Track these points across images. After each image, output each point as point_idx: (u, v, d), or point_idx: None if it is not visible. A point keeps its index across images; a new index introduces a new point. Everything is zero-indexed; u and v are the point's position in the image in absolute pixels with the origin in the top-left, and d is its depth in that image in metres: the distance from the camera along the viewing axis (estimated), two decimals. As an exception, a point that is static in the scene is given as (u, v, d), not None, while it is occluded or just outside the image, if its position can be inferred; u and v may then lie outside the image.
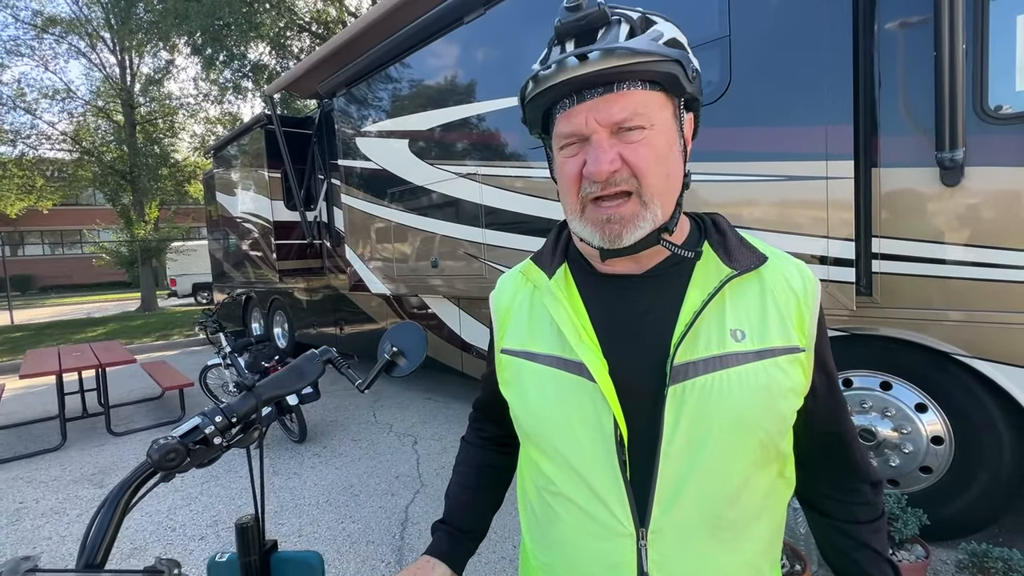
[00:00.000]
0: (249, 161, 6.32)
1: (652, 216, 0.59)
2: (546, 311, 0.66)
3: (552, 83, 0.57)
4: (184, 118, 15.27)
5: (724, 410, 0.58)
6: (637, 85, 0.57)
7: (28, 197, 14.83)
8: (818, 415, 0.66)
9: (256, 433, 0.61)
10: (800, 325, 0.62)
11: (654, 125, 0.58)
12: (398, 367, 0.74)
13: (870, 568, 0.68)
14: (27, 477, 3.40)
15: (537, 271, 0.69)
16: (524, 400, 0.67)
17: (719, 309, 0.61)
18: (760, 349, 0.59)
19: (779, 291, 0.62)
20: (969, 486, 1.96)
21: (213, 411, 0.58)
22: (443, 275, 3.76)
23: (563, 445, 0.63)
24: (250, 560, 0.59)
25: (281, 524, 2.64)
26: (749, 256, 0.63)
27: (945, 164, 1.78)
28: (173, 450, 0.53)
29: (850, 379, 2.19)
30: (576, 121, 0.58)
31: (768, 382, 0.59)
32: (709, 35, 2.22)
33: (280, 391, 0.64)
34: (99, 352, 4.70)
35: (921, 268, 1.91)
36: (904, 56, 1.88)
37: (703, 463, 0.58)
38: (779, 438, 0.62)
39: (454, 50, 3.55)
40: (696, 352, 0.59)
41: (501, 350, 0.71)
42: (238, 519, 0.61)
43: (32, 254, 27.35)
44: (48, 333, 10.46)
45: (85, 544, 0.50)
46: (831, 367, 0.67)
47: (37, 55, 13.52)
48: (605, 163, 0.56)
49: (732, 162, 2.19)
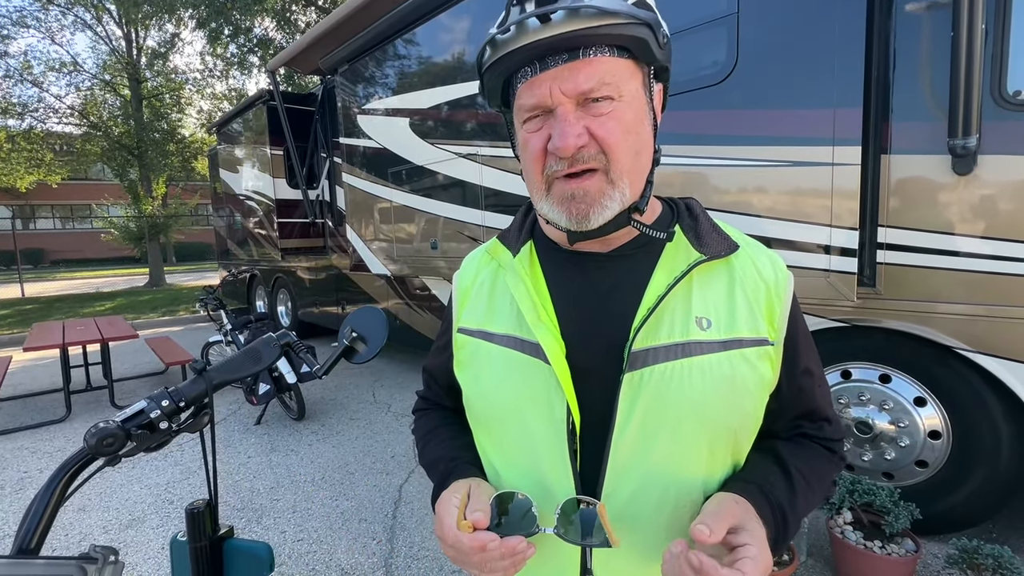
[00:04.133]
0: (251, 138, 6.28)
1: (620, 195, 0.55)
2: (507, 290, 0.63)
3: (511, 48, 0.53)
4: (190, 93, 15.18)
5: (682, 401, 0.54)
6: (604, 51, 0.52)
7: (37, 171, 14.89)
8: (781, 413, 0.63)
9: (207, 418, 0.59)
10: (770, 317, 0.58)
11: (623, 96, 0.53)
12: (358, 353, 0.72)
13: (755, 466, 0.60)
14: (31, 447, 3.47)
15: (502, 249, 0.66)
16: (477, 382, 0.64)
17: (685, 295, 0.57)
18: (726, 339, 0.56)
19: (748, 280, 0.59)
20: (965, 482, 1.93)
21: (160, 395, 0.56)
22: (443, 257, 3.73)
23: (513, 430, 0.60)
24: (200, 546, 0.57)
25: (277, 500, 2.67)
26: (720, 242, 0.60)
27: (957, 151, 1.71)
28: (111, 435, 0.51)
29: (848, 371, 2.15)
30: (539, 92, 0.53)
31: (732, 374, 0.55)
32: (716, 12, 2.13)
33: (233, 375, 0.62)
34: (103, 327, 4.75)
35: (928, 259, 1.85)
36: (922, 37, 1.79)
37: (654, 456, 0.55)
38: (741, 435, 0.59)
39: (456, 26, 3.46)
40: (658, 338, 0.55)
41: (458, 329, 0.67)
42: (189, 504, 0.60)
43: (43, 228, 27.61)
44: (57, 307, 10.60)
45: (20, 528, 0.48)
46: (808, 366, 0.63)
47: (43, 27, 13.42)
48: (571, 137, 0.52)
49: (734, 146, 2.12)
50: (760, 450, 0.62)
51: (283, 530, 2.40)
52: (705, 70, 2.20)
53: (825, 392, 0.66)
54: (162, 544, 2.30)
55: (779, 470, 0.60)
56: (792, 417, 0.64)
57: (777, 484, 0.57)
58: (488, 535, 0.51)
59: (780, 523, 0.55)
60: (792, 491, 0.58)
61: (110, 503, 2.68)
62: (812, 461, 0.62)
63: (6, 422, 3.94)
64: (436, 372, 0.76)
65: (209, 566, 0.57)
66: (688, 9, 2.23)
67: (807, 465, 0.61)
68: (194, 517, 0.59)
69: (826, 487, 0.63)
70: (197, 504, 0.60)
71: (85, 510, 2.62)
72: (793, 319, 0.61)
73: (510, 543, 0.51)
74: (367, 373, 4.98)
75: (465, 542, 0.51)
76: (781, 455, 0.61)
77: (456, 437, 0.70)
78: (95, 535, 2.41)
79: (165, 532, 2.40)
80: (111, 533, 2.41)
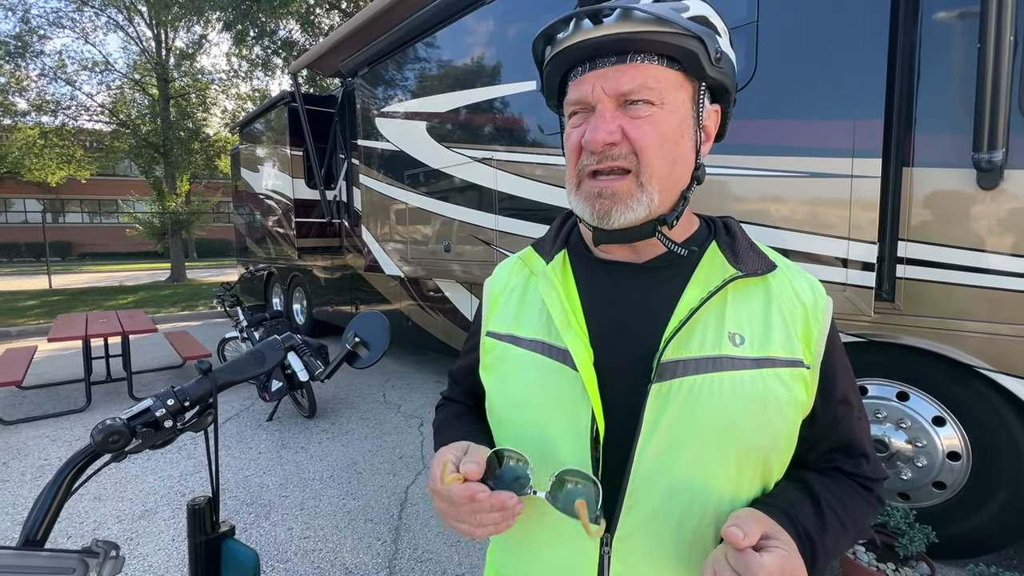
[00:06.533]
0: (272, 138, 6.39)
1: (648, 200, 0.55)
2: (539, 296, 0.63)
3: (565, 45, 0.56)
4: (215, 93, 15.54)
5: (711, 416, 0.53)
6: (653, 59, 0.54)
7: (68, 166, 15.37)
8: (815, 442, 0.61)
9: (211, 417, 0.60)
10: (807, 339, 0.57)
11: (664, 104, 0.54)
12: (360, 358, 0.73)
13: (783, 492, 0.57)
14: (52, 435, 3.57)
15: (536, 257, 0.66)
16: (503, 385, 0.64)
17: (719, 309, 0.56)
18: (760, 357, 0.55)
19: (786, 301, 0.58)
20: (985, 505, 1.87)
21: (166, 394, 0.58)
22: (456, 260, 3.75)
23: (536, 435, 0.59)
24: (197, 542, 0.58)
25: (285, 496, 2.70)
26: (757, 260, 0.59)
27: (982, 166, 1.66)
28: (116, 432, 0.52)
29: (865, 387, 2.11)
30: (584, 88, 0.56)
31: (764, 392, 0.54)
32: (736, 20, 2.11)
33: (238, 376, 0.63)
34: (124, 320, 4.87)
35: (950, 275, 1.80)
36: (947, 47, 1.75)
37: (679, 469, 0.54)
38: (771, 456, 0.56)
39: (474, 31, 3.48)
40: (688, 351, 0.55)
41: (487, 333, 0.68)
42: (191, 500, 0.61)
43: (72, 222, 28.46)
44: (82, 299, 10.90)
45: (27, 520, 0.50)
46: (846, 395, 0.60)
47: (78, 27, 13.87)
48: (603, 132, 0.53)
49: (751, 155, 2.09)
50: (791, 479, 0.59)
51: (290, 527, 2.42)
52: (723, 78, 2.17)
53: (864, 426, 0.63)
54: (172, 536, 2.35)
55: (809, 500, 0.56)
56: (827, 449, 0.61)
57: (805, 513, 0.55)
58: (478, 486, 0.51)
59: (807, 552, 0.52)
60: (822, 525, 0.54)
61: (124, 493, 2.74)
62: (846, 498, 0.58)
63: (30, 410, 4.06)
64: (460, 374, 0.77)
65: (205, 563, 0.57)
66: (707, 17, 2.21)
67: (839, 501, 0.57)
68: (195, 513, 0.60)
69: (860, 528, 0.59)
70: (198, 500, 0.61)
71: (101, 499, 2.68)
72: (831, 344, 0.59)
73: (499, 496, 0.51)
74: (378, 373, 5.02)
75: (455, 492, 0.51)
76: (812, 486, 0.58)
77: (473, 423, 0.70)
78: (109, 524, 2.46)
79: (176, 524, 2.44)
80: (124, 523, 2.47)
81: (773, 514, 0.52)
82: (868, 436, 0.63)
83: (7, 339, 7.41)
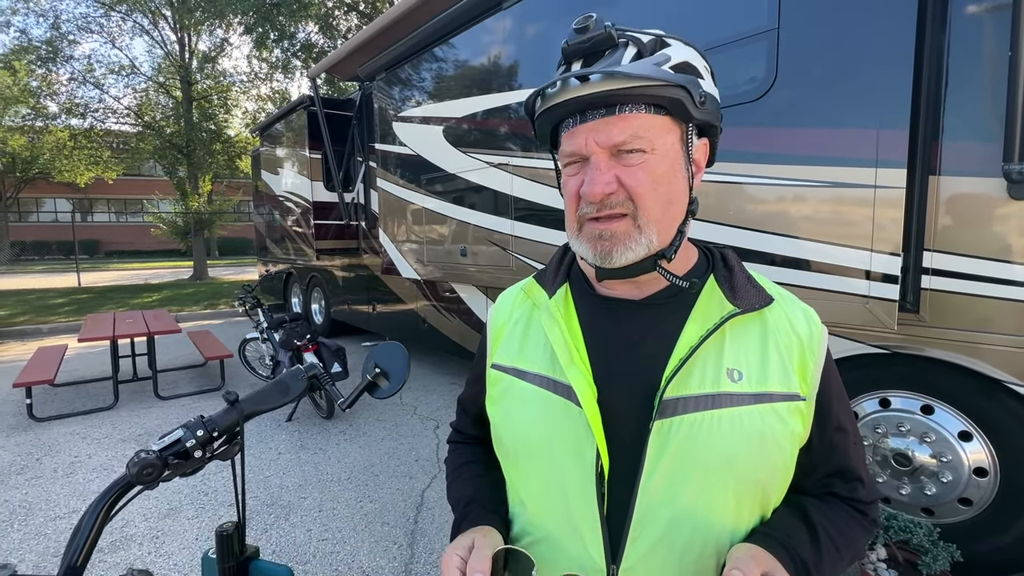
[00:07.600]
0: (292, 141, 6.49)
1: (647, 240, 0.57)
2: (542, 329, 0.65)
3: (556, 101, 0.58)
4: (237, 95, 15.83)
5: (711, 452, 0.55)
6: (640, 108, 0.55)
7: (95, 167, 15.84)
8: (812, 469, 0.63)
9: (238, 447, 0.62)
10: (802, 372, 0.59)
11: (655, 149, 0.56)
12: (380, 388, 0.74)
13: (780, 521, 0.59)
14: (82, 433, 3.69)
15: (538, 289, 0.68)
16: (508, 419, 0.66)
17: (718, 346, 0.58)
18: (758, 392, 0.57)
19: (782, 334, 0.59)
20: (1013, 523, 1.82)
21: (195, 424, 0.60)
22: (471, 264, 3.77)
23: (541, 468, 0.62)
24: (227, 566, 0.61)
25: (304, 498, 2.76)
26: (754, 295, 0.61)
27: (1013, 176, 1.62)
28: (150, 465, 0.55)
29: (888, 399, 2.06)
30: (577, 141, 0.58)
31: (763, 428, 0.56)
32: (756, 27, 2.08)
33: (263, 406, 0.65)
34: (149, 320, 5.01)
35: (978, 287, 1.75)
36: (978, 54, 1.70)
37: (681, 503, 0.56)
38: (770, 488, 0.59)
39: (490, 37, 3.49)
40: (688, 388, 0.57)
41: (492, 365, 0.70)
42: (219, 526, 0.63)
43: (99, 220, 29.32)
44: (109, 296, 11.22)
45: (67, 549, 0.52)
46: (841, 423, 0.62)
47: (105, 32, 14.25)
48: (600, 184, 0.56)
49: (771, 164, 2.06)
50: (788, 505, 0.62)
51: (309, 528, 2.47)
52: (742, 86, 2.15)
53: (860, 452, 0.65)
54: (196, 535, 2.41)
55: (805, 528, 0.59)
56: (823, 475, 0.64)
57: (802, 541, 0.57)
58: None
59: None
60: (818, 551, 0.57)
61: (150, 492, 2.82)
62: (841, 523, 0.61)
63: (61, 407, 4.20)
64: (467, 403, 0.79)
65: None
66: (726, 23, 2.19)
67: (834, 526, 0.60)
68: (223, 539, 0.62)
69: (855, 551, 0.61)
70: (226, 526, 0.63)
71: (128, 497, 2.77)
72: (826, 374, 0.61)
73: None
74: (395, 374, 5.07)
75: None
76: (808, 513, 0.61)
77: (483, 475, 0.72)
78: (136, 522, 2.55)
79: (199, 523, 2.51)
80: (150, 521, 2.54)
81: (771, 546, 0.55)
82: (863, 461, 0.65)
83: (39, 336, 7.67)
